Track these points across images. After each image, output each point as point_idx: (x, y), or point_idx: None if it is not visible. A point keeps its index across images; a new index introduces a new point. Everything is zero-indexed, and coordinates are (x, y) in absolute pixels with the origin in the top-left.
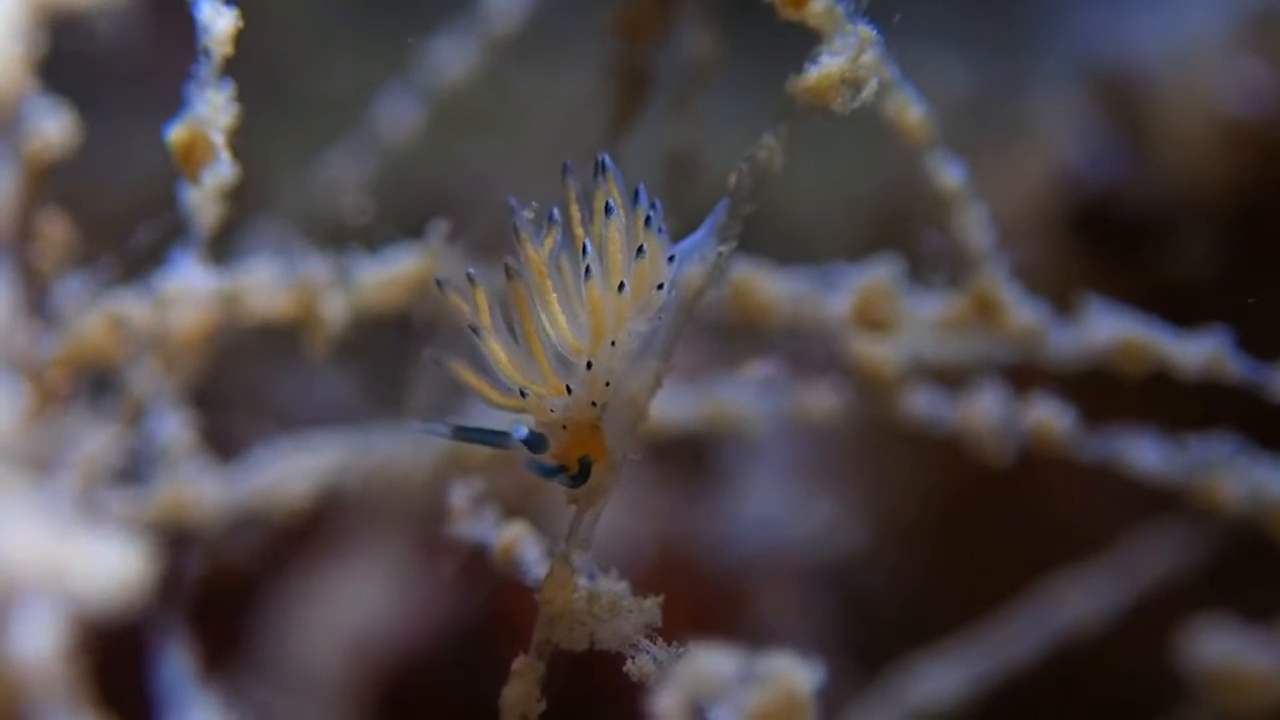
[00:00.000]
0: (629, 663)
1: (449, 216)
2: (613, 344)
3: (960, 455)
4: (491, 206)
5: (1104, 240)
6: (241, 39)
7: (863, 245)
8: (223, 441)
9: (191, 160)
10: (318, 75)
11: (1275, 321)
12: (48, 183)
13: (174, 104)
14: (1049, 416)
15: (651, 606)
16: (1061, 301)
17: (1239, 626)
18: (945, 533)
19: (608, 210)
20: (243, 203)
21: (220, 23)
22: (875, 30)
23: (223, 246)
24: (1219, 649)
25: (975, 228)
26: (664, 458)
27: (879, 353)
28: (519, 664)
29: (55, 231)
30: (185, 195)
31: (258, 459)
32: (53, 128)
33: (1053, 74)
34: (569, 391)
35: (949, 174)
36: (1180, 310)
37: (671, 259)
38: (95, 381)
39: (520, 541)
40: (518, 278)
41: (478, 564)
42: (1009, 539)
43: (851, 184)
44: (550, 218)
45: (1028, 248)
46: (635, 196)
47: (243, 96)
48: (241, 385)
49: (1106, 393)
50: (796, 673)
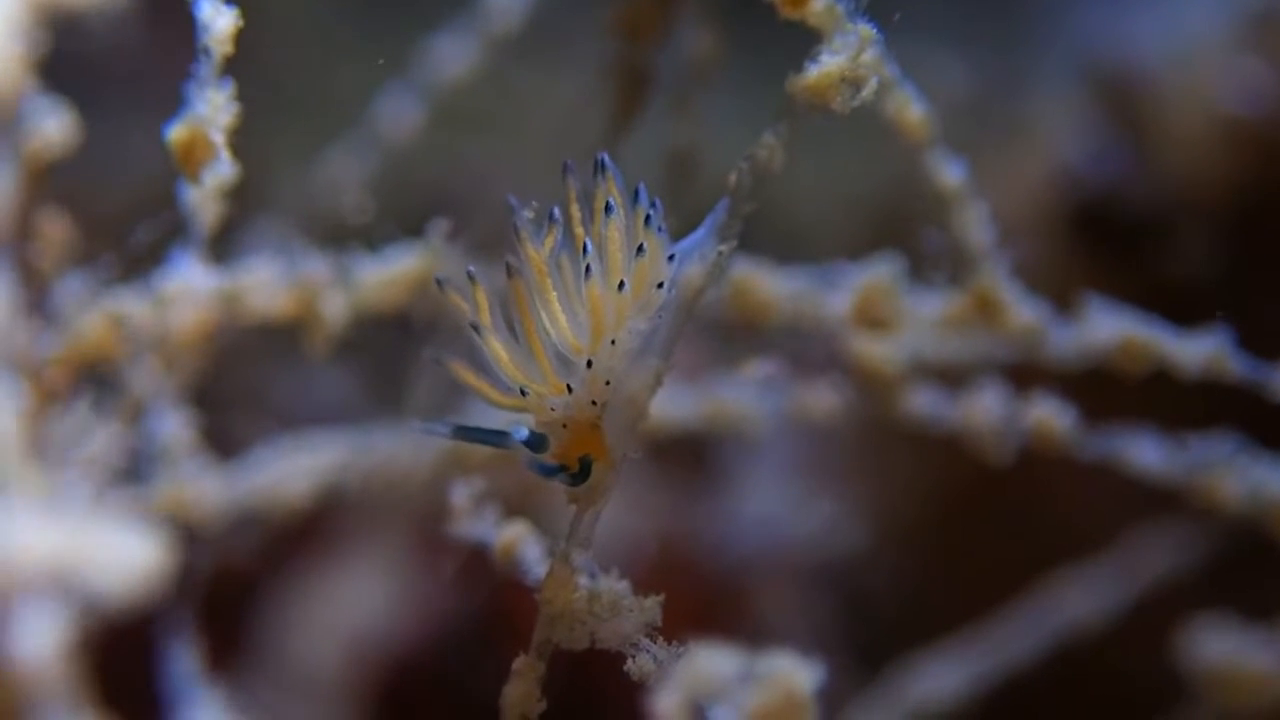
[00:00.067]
0: (629, 662)
1: (449, 216)
2: (613, 343)
3: (961, 454)
4: (491, 206)
5: (1104, 239)
6: (241, 38)
7: (863, 244)
8: (223, 441)
9: (192, 159)
10: (318, 75)
11: (1275, 321)
12: (47, 182)
13: (174, 103)
14: (1049, 415)
15: (652, 606)
16: (1062, 301)
17: (1239, 626)
18: (945, 532)
19: (608, 209)
20: (243, 202)
21: (220, 22)
22: (875, 29)
23: (223, 246)
24: (1219, 648)
25: (975, 226)
26: (664, 457)
27: (879, 352)
28: (519, 663)
29: (55, 231)
30: (185, 194)
31: (258, 458)
32: (53, 127)
33: (1053, 73)
34: (569, 390)
35: (949, 173)
36: (1180, 310)
37: (671, 258)
38: (95, 381)
39: (521, 541)
40: (518, 277)
41: (478, 563)
42: (1009, 538)
43: (851, 183)
44: (550, 217)
45: (1028, 247)
46: (635, 195)
47: (243, 96)
48: (241, 384)
49: (1107, 392)
50: (797, 672)
